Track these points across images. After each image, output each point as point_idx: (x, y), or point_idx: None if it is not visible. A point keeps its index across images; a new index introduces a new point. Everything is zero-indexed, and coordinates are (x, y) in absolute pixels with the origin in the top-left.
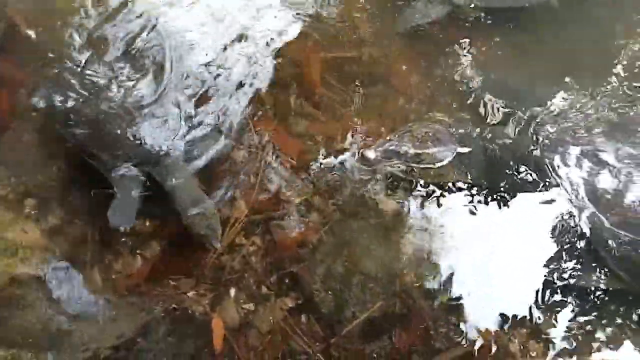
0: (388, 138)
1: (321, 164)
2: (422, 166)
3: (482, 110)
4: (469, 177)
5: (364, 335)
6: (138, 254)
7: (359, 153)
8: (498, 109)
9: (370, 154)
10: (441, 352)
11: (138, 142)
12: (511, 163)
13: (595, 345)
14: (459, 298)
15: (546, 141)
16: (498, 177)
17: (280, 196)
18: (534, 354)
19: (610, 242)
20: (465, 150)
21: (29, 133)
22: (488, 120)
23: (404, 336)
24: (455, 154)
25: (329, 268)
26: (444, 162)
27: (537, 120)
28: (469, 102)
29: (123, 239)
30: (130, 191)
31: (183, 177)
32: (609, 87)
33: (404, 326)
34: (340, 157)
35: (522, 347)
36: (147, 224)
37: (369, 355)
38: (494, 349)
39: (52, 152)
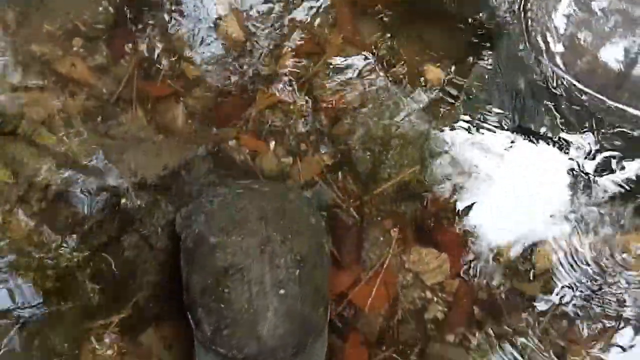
0: None
1: None
2: None
3: None
4: None
5: (397, 196)
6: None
7: None
8: None
9: None
10: None
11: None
12: None
13: None
14: None
15: None
16: None
17: (327, 57)
18: None
19: (569, 89)
20: None
21: None
22: None
23: (435, 202)
24: None
25: (369, 129)
26: None
27: None
28: None
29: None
30: None
31: None
32: None
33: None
34: None
35: None
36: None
37: (400, 214)
38: None
39: None
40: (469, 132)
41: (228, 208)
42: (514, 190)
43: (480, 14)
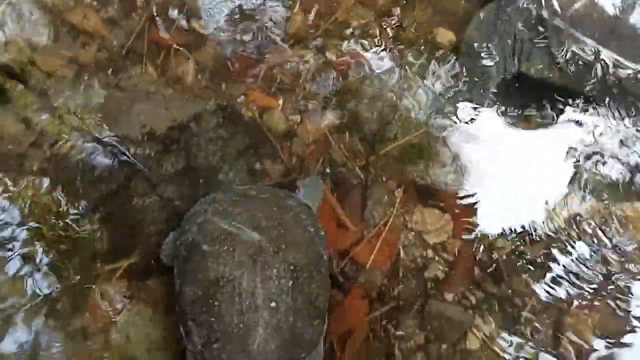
0: None
1: None
2: None
3: None
4: None
5: (402, 158)
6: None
7: None
8: None
9: None
10: None
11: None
12: None
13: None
14: None
15: None
16: None
17: (338, 17)
18: None
19: (564, 32)
20: None
21: None
22: None
23: (439, 164)
24: None
25: (378, 91)
26: None
27: None
28: None
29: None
30: None
31: None
32: None
33: None
34: None
35: None
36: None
37: (405, 175)
38: None
39: None
40: (472, 94)
41: (222, 216)
42: (518, 154)
43: None
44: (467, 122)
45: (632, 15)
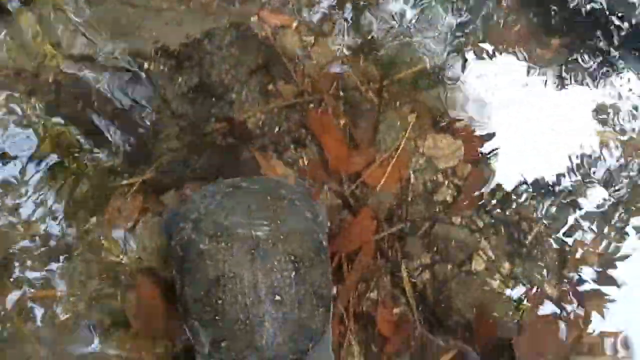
0: None
1: None
2: None
3: None
4: None
5: (417, 83)
6: None
7: None
8: None
9: None
10: None
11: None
12: None
13: None
14: None
15: None
16: None
17: None
18: None
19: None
20: None
21: None
22: None
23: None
24: None
25: (394, 16)
26: None
27: None
28: None
29: None
30: None
31: None
32: None
33: None
34: None
35: None
36: None
37: (419, 101)
38: None
39: None
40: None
41: (216, 212)
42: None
43: None
44: (483, 49)
45: None
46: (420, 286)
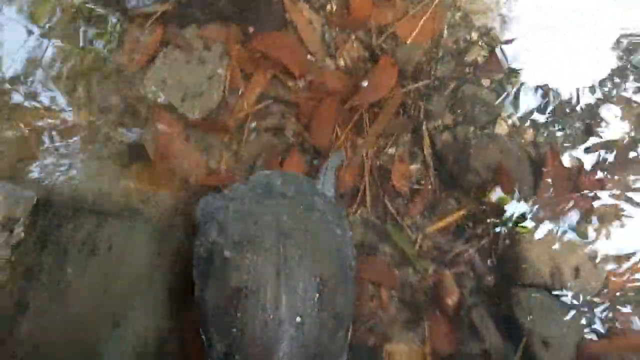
0: None
1: None
2: None
3: None
4: None
5: None
6: None
7: None
8: None
9: None
10: None
11: None
12: None
13: None
14: None
15: None
16: None
17: None
18: None
19: None
20: None
21: None
22: None
23: None
24: None
25: None
26: None
27: None
28: None
29: None
30: None
31: None
32: None
33: None
34: None
35: None
36: None
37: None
38: None
39: None
40: None
41: (244, 219)
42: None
43: None
44: None
45: None
46: (439, 145)
